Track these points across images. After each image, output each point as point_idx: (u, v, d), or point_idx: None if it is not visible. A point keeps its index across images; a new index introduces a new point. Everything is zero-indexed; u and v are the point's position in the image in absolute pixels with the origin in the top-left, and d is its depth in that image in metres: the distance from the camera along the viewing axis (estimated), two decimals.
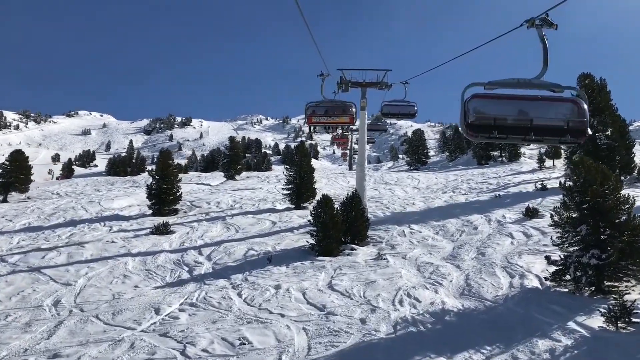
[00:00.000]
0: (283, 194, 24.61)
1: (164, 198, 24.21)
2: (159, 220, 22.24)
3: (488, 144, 48.57)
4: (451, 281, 13.14)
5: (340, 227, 16.21)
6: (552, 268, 12.38)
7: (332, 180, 39.53)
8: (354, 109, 14.84)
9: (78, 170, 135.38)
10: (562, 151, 39.55)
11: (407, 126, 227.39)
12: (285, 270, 14.48)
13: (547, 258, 12.61)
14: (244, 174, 47.83)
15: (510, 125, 6.90)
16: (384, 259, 15.08)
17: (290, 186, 23.84)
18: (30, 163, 42.58)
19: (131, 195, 29.80)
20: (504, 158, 47.11)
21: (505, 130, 6.91)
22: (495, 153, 48.59)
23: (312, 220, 16.15)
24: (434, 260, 14.96)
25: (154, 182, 24.25)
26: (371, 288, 12.58)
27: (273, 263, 15.13)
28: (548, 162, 39.01)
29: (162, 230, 18.85)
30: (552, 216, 12.97)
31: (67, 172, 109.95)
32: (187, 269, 15.20)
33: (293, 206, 23.83)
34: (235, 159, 42.93)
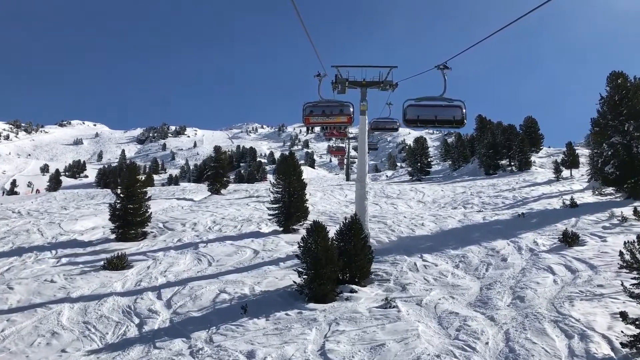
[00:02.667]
0: (269, 214, 21.08)
1: (130, 220, 20.68)
2: (121, 247, 18.81)
3: (495, 152, 45.45)
4: (487, 343, 9.64)
5: (337, 263, 12.74)
6: (624, 324, 8.99)
7: (327, 194, 36.02)
8: (351, 109, 13.97)
9: (67, 181, 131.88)
10: (583, 160, 36.39)
11: (404, 133, 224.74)
12: (264, 324, 10.96)
13: (624, 315, 9.12)
14: (232, 186, 44.24)
15: (426, 119, 12.50)
16: (394, 307, 11.58)
17: (277, 205, 20.31)
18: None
19: (99, 215, 26.21)
20: (513, 167, 43.81)
21: (424, 122, 12.68)
22: (503, 162, 45.29)
23: (300, 256, 12.67)
24: (459, 308, 11.47)
25: (118, 201, 20.73)
26: (380, 356, 9.09)
27: (249, 313, 11.60)
28: (560, 172, 35.55)
29: (117, 264, 15.30)
30: (621, 254, 9.53)
31: (55, 184, 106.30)
32: (137, 321, 11.67)
33: (281, 229, 20.28)
34: (221, 171, 39.20)
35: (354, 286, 12.94)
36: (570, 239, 15.38)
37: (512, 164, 44.06)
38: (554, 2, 7.32)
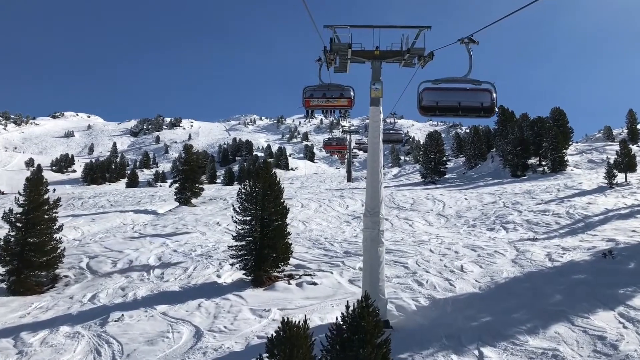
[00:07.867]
0: (230, 255, 14.41)
1: (33, 260, 14.13)
2: (2, 310, 12.31)
3: (523, 149, 38.76)
4: None
5: None
6: None
7: (324, 205, 29.22)
8: (352, 92, 12.43)
9: (53, 176, 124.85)
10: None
11: (408, 125, 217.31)
12: None
13: None
14: (209, 192, 37.07)
15: (447, 106, 9.80)
16: None
17: (243, 243, 13.67)
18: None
19: None
20: (545, 168, 37.10)
21: (445, 110, 9.83)
22: (532, 161, 38.59)
23: None
24: None
25: (13, 232, 14.15)
26: None
27: None
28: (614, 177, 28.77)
29: None
30: None
31: None
32: None
33: (249, 277, 13.65)
34: (192, 175, 31.96)
35: None
36: None
37: (544, 163, 37.39)
38: None
